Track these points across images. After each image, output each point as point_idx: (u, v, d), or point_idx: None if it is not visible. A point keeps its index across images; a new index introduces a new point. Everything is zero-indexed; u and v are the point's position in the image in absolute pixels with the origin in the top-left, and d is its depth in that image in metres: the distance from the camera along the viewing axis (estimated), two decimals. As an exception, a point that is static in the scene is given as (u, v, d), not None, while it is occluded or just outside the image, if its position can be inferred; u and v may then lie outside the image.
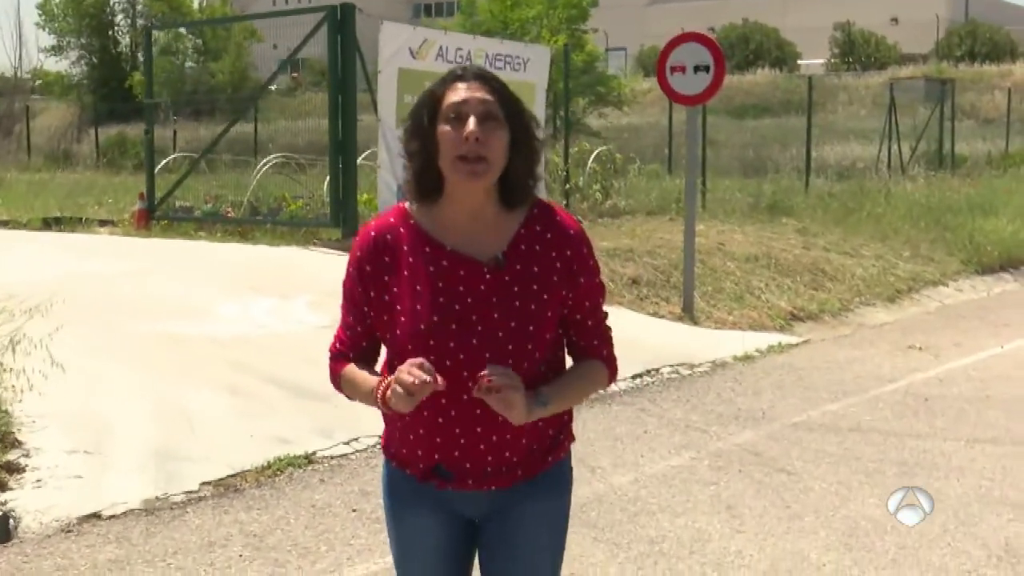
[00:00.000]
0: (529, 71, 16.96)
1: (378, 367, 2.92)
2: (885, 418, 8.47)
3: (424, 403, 2.58)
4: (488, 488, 2.79)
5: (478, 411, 2.66)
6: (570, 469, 2.97)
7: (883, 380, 9.78)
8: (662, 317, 12.14)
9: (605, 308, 2.93)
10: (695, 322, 12.07)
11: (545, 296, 2.69)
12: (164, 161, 20.39)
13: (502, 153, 2.62)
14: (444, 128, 2.61)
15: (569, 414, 2.92)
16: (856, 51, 72.86)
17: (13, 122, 48.08)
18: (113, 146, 40.21)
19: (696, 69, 12.31)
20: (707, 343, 11.14)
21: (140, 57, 57.80)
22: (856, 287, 14.25)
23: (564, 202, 18.75)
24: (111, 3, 61.69)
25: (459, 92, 2.63)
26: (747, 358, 10.59)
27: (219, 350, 9.16)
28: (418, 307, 2.65)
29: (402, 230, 2.73)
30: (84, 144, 46.84)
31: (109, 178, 29.06)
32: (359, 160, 15.20)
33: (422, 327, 2.64)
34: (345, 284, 2.83)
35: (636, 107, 42.17)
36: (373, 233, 2.75)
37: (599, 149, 21.28)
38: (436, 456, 2.76)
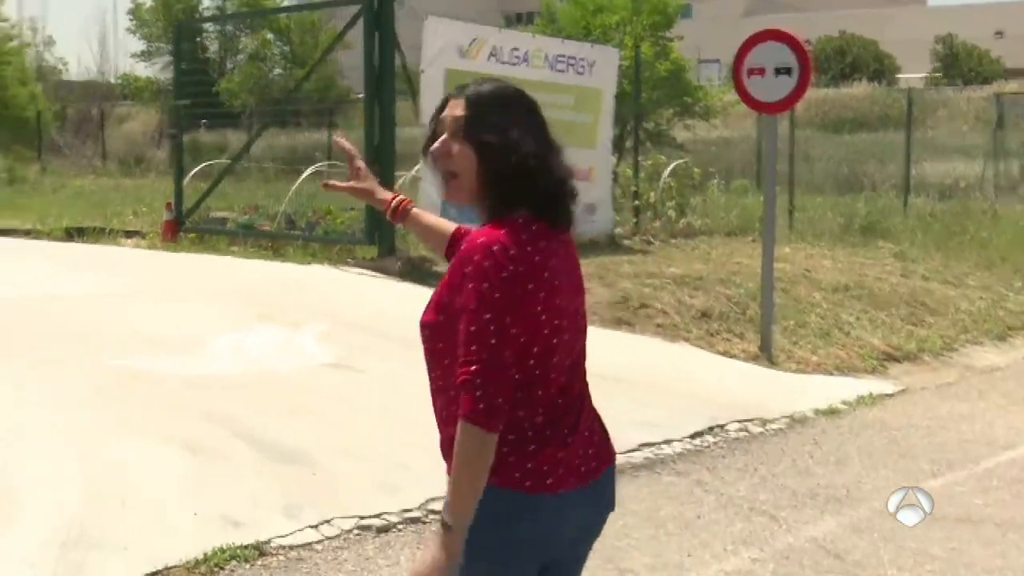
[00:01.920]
0: (595, 75, 15.48)
1: None
2: (1002, 501, 6.78)
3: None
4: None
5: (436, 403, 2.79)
6: (487, 508, 2.63)
7: (996, 446, 8.06)
8: (734, 357, 10.51)
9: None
10: (773, 363, 10.42)
11: (445, 299, 2.70)
12: (195, 169, 19.10)
13: (470, 169, 2.69)
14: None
15: (518, 439, 2.70)
16: (958, 65, 70.21)
17: (95, 127, 47.55)
18: (185, 152, 39.27)
19: (777, 72, 10.64)
20: (785, 391, 9.49)
21: (228, 64, 57.34)
22: (961, 322, 12.47)
23: (634, 220, 17.17)
24: (200, 9, 61.45)
25: (446, 110, 2.76)
26: (831, 412, 8.90)
27: (192, 394, 7.71)
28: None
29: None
30: (163, 150, 46.13)
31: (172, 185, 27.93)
32: (411, 174, 13.70)
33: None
34: None
35: (728, 119, 40.38)
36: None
37: (675, 162, 19.61)
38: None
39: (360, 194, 3.24)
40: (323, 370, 8.60)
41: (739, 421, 8.42)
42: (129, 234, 16.52)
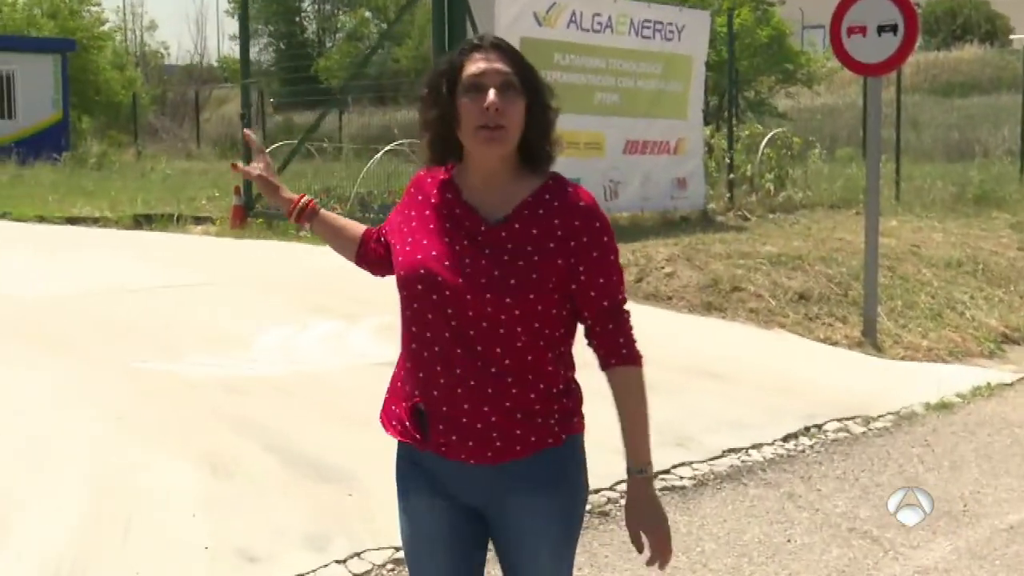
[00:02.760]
0: (684, 40, 14.56)
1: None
2: None
3: (413, 337, 2.76)
4: (467, 460, 2.74)
5: (458, 351, 2.69)
6: (577, 464, 2.85)
7: None
8: (836, 343, 9.59)
9: (626, 298, 2.84)
10: (878, 349, 9.48)
11: (536, 258, 2.69)
12: (271, 147, 18.47)
13: (519, 121, 2.69)
14: (464, 99, 2.68)
15: (573, 400, 2.85)
16: (1075, 23, 67.49)
17: (191, 110, 47.51)
18: (280, 132, 38.97)
19: (880, 30, 9.65)
20: (891, 382, 8.55)
21: (327, 44, 57.12)
22: (1088, 300, 11.36)
23: (727, 194, 16.19)
24: (294, -12, 61.32)
25: (478, 63, 2.70)
26: (944, 407, 7.94)
27: (227, 399, 7.02)
28: (424, 241, 2.76)
29: (441, 177, 2.84)
30: (257, 132, 45.94)
31: (294, 167, 27.53)
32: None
33: (418, 256, 2.74)
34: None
35: (832, 86, 38.99)
36: (422, 173, 2.91)
37: (773, 131, 18.55)
38: (416, 393, 2.77)
39: (264, 186, 3.13)
40: (376, 370, 7.81)
41: (839, 420, 7.50)
42: (199, 220, 15.98)
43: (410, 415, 2.79)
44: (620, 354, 2.79)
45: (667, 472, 6.33)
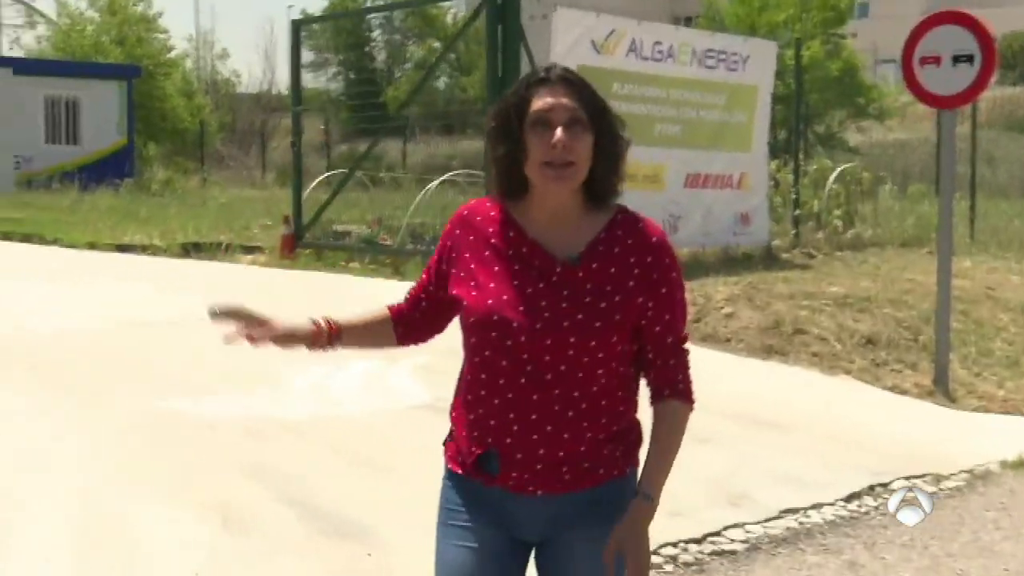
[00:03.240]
0: (748, 71, 14.04)
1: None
2: None
3: (483, 384, 2.71)
4: (535, 492, 2.71)
5: (535, 396, 2.66)
6: (631, 489, 2.73)
7: None
8: (904, 392, 9.01)
9: (688, 335, 2.84)
10: (950, 399, 8.89)
11: (617, 298, 2.67)
12: (319, 179, 18.18)
13: (587, 156, 2.66)
14: (531, 135, 2.64)
15: (636, 435, 2.82)
16: None
17: (263, 139, 47.63)
18: (343, 161, 38.87)
19: (956, 60, 9.08)
20: (965, 436, 7.97)
21: (396, 74, 57.18)
22: None
23: (793, 231, 15.60)
24: (368, 19, 61.60)
25: (544, 98, 2.66)
26: (1022, 465, 7.34)
27: (245, 444, 6.61)
28: (491, 284, 2.69)
29: (493, 213, 2.78)
30: (323, 160, 45.91)
31: (323, 195, 27.36)
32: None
33: (489, 302, 2.68)
34: (434, 256, 2.90)
35: (905, 121, 38.21)
36: (465, 212, 2.83)
37: (842, 166, 17.95)
38: (489, 440, 2.72)
39: (283, 342, 2.94)
40: (412, 414, 7.41)
41: (907, 478, 6.93)
42: (249, 249, 15.69)
43: (480, 460, 2.75)
44: (676, 389, 2.77)
45: (717, 534, 5.82)
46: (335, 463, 6.41)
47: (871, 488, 6.69)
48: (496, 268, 2.72)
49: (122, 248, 15.95)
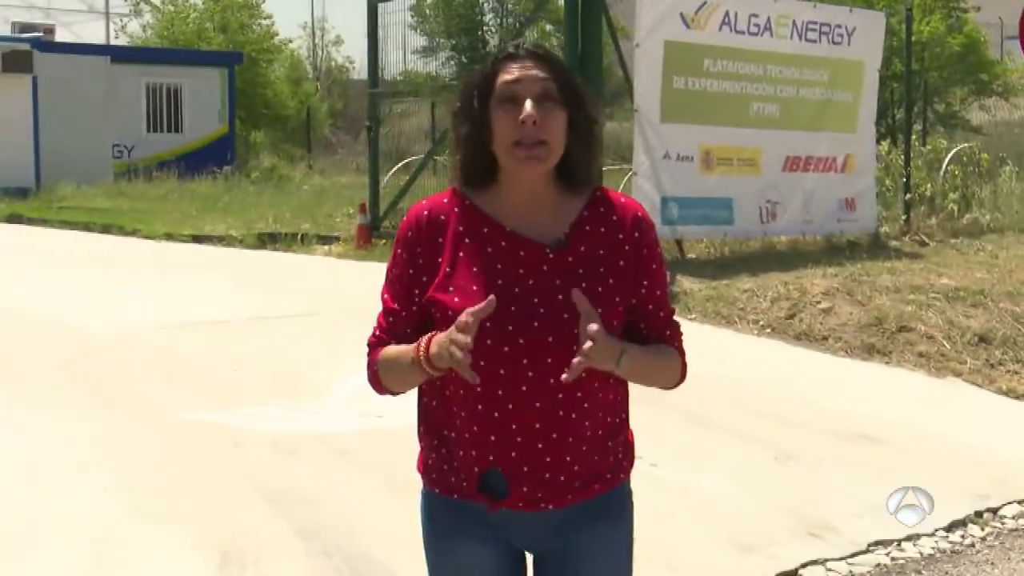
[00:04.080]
0: (854, 44, 13.06)
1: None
2: None
3: (479, 397, 2.50)
4: (542, 508, 2.56)
5: (537, 404, 2.49)
6: (630, 493, 2.74)
7: None
8: (1021, 397, 8.05)
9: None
10: (1076, 406, 7.92)
11: (611, 280, 2.55)
12: (398, 165, 17.54)
13: (560, 135, 2.50)
14: (498, 112, 2.48)
15: (631, 441, 2.74)
16: None
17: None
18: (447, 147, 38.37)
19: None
20: (1089, 452, 7.02)
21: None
22: None
23: (904, 217, 14.56)
24: (480, 2, 61.23)
25: (512, 71, 2.51)
26: None
27: (271, 461, 6.02)
28: (473, 287, 2.49)
29: (456, 210, 2.58)
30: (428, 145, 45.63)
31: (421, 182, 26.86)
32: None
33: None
34: (390, 268, 2.65)
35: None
36: (426, 212, 2.59)
37: (959, 146, 16.81)
38: (491, 457, 2.53)
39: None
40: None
41: (1020, 503, 6.05)
42: (326, 239, 15.14)
43: (482, 481, 2.56)
44: (676, 348, 2.71)
45: (793, 574, 5.02)
46: (365, 485, 5.74)
47: (977, 515, 5.84)
48: (475, 268, 2.53)
49: (198, 239, 15.54)
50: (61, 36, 35.54)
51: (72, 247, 15.48)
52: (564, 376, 2.39)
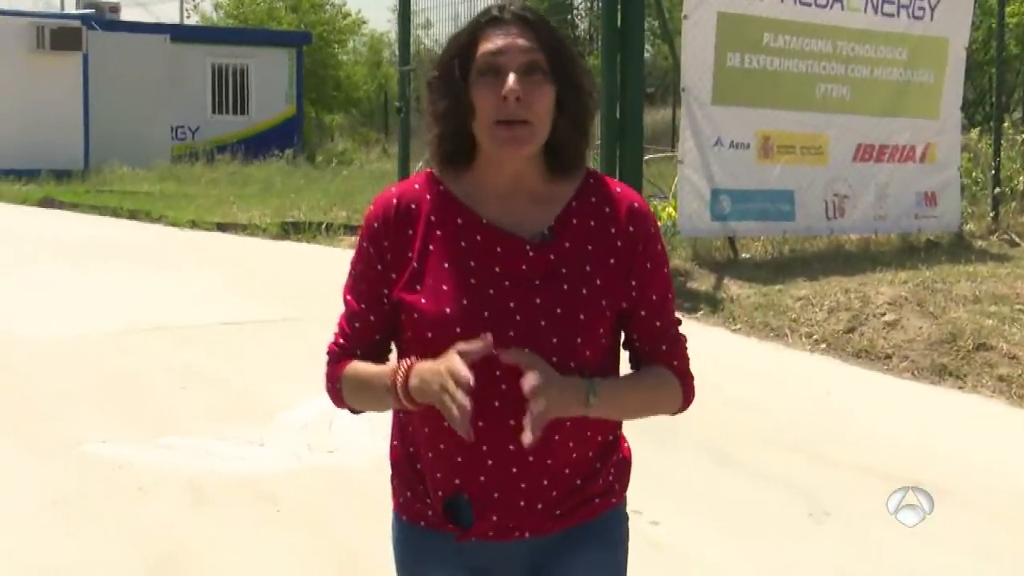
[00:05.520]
0: (937, 19, 11.79)
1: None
2: None
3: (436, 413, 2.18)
4: (519, 537, 2.30)
5: (511, 422, 2.19)
6: (626, 518, 2.46)
7: None
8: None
9: (679, 318, 2.43)
10: None
11: (598, 281, 2.25)
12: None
13: (547, 112, 2.21)
14: (478, 85, 2.20)
15: (627, 458, 2.44)
16: None
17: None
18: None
19: None
20: None
21: (597, 42, 55.76)
22: None
23: (992, 212, 13.19)
24: (566, -8, 60.65)
25: (495, 39, 2.22)
26: None
27: (176, 515, 4.98)
28: (443, 287, 2.22)
29: (428, 197, 2.29)
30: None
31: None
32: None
33: (447, 311, 2.20)
34: (354, 263, 2.34)
35: None
36: (395, 200, 2.29)
37: (1058, 136, 15.41)
38: (456, 481, 2.26)
39: None
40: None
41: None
42: (353, 229, 14.14)
43: (447, 508, 2.28)
44: (671, 367, 2.37)
45: None
46: (296, 547, 4.63)
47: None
48: (446, 265, 2.24)
49: (223, 227, 14.68)
50: (136, 15, 35.15)
51: (74, 234, 14.71)
52: (524, 439, 2.08)
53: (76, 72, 25.45)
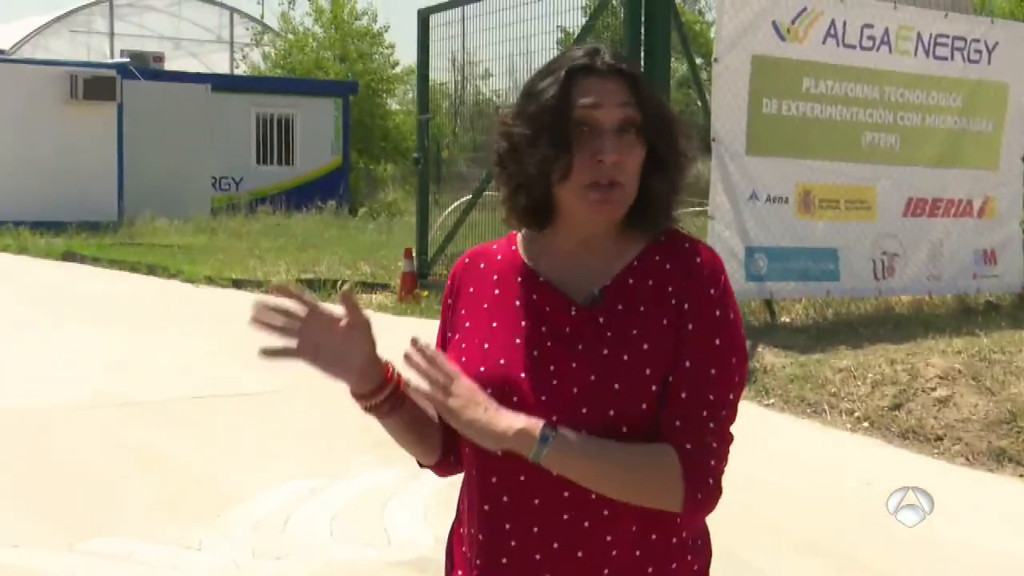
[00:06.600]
0: (996, 63, 11.06)
1: None
2: None
3: (475, 480, 2.06)
4: None
5: (536, 501, 1.99)
6: None
7: None
8: None
9: (730, 417, 2.04)
10: None
11: (646, 345, 2.00)
12: (450, 207, 15.78)
13: (636, 174, 2.05)
14: (575, 144, 2.01)
15: (704, 556, 2.11)
16: None
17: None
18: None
19: None
20: None
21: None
22: None
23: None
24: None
25: (589, 92, 2.01)
26: None
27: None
28: (486, 346, 2.08)
29: (499, 257, 2.18)
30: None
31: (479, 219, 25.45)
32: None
33: (481, 369, 2.03)
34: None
35: None
36: (467, 260, 2.25)
37: None
38: (478, 562, 2.06)
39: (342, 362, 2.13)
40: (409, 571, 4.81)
41: None
42: (372, 287, 13.45)
43: None
44: (680, 447, 1.97)
45: None
46: None
47: None
48: (495, 324, 2.10)
49: (238, 284, 14.02)
50: (187, 65, 34.90)
51: (74, 290, 14.22)
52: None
53: (110, 122, 25.02)
